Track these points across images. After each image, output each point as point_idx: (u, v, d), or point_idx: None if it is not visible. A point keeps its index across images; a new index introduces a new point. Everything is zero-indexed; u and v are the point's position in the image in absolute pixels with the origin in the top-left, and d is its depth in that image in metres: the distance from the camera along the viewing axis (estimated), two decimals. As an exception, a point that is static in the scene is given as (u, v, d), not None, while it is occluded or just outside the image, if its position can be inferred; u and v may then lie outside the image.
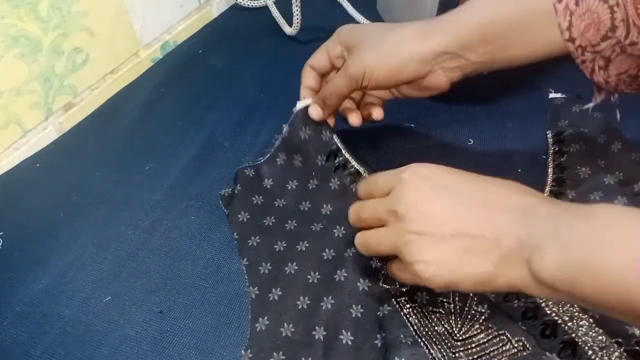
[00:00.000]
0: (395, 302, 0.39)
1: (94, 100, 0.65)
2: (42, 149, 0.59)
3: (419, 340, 0.37)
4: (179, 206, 0.50)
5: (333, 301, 0.40)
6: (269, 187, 0.49)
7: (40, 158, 0.58)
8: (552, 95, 0.56)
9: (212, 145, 0.57)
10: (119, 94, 0.67)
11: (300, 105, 0.49)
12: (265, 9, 0.80)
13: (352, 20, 0.72)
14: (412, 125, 0.57)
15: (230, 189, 0.50)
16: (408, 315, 0.39)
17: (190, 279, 0.44)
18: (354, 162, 0.48)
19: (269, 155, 0.50)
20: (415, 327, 0.38)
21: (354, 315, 0.39)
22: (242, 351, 0.38)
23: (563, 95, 0.55)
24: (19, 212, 0.51)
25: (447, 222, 0.32)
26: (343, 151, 0.48)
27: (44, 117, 0.59)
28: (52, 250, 0.47)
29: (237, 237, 0.46)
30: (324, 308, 0.39)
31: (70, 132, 0.61)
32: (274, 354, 0.37)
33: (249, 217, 0.47)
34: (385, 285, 0.40)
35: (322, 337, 0.38)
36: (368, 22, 0.71)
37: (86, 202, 0.51)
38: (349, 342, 0.37)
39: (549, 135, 0.52)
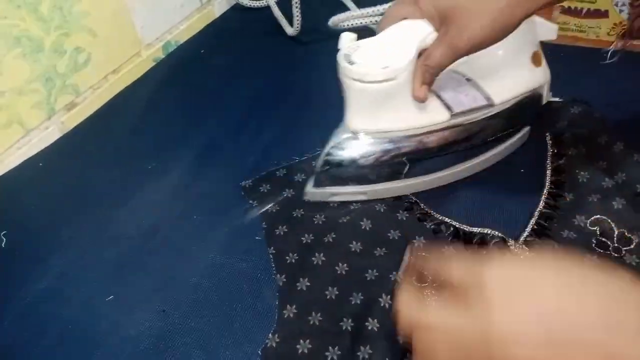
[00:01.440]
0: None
1: (96, 99, 0.65)
2: (44, 149, 0.59)
3: None
4: (180, 205, 0.50)
5: (362, 297, 0.40)
6: (300, 181, 0.50)
7: (43, 157, 0.58)
8: (549, 98, 0.56)
9: (213, 144, 0.58)
10: (120, 93, 0.67)
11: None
12: (266, 9, 0.80)
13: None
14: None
15: (251, 181, 0.51)
16: None
17: (192, 279, 0.44)
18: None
19: (304, 157, 0.53)
20: None
21: (382, 305, 0.39)
22: (270, 335, 0.38)
23: (560, 99, 0.55)
24: (21, 211, 0.51)
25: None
26: None
27: (46, 117, 0.59)
28: (53, 249, 0.47)
29: (265, 226, 0.47)
30: (352, 303, 0.40)
31: (72, 131, 0.61)
32: (301, 341, 0.38)
33: (278, 208, 0.48)
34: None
35: (349, 328, 0.38)
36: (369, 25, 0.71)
37: (88, 202, 0.51)
38: (375, 329, 0.38)
39: (548, 138, 0.52)
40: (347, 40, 0.45)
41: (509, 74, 0.49)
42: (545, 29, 0.50)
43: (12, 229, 0.49)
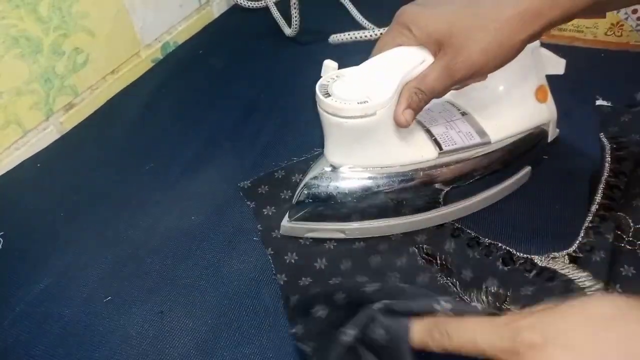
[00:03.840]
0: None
1: (95, 100, 0.65)
2: (42, 149, 0.59)
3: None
4: (179, 206, 0.50)
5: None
6: (299, 182, 0.49)
7: (41, 158, 0.58)
8: (598, 102, 0.56)
9: (212, 145, 0.58)
10: (119, 94, 0.67)
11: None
12: (265, 10, 0.80)
13: (350, 22, 0.72)
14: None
15: (249, 182, 0.51)
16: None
17: (190, 279, 0.44)
18: None
19: (303, 158, 0.53)
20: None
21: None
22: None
23: (609, 104, 0.55)
24: (20, 212, 0.51)
25: None
26: None
27: (45, 117, 0.59)
28: (52, 250, 0.47)
29: (261, 228, 0.47)
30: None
31: (70, 132, 0.61)
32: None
33: (274, 210, 0.48)
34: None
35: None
36: (370, 25, 0.71)
37: (86, 202, 0.51)
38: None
39: (603, 137, 0.51)
40: (328, 69, 0.42)
41: (510, 110, 0.46)
42: (553, 63, 0.47)
43: (10, 230, 0.49)
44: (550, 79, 0.49)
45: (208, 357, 0.38)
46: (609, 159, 0.48)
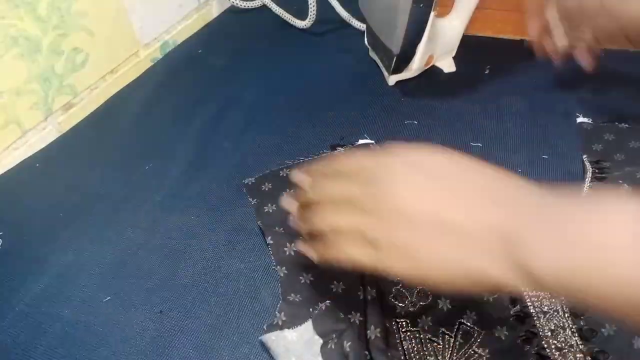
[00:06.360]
0: (394, 323, 0.39)
1: (94, 100, 0.65)
2: (41, 149, 0.59)
3: None
4: (179, 206, 0.50)
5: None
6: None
7: (40, 158, 0.58)
8: (579, 119, 0.55)
9: (212, 145, 0.57)
10: (118, 93, 0.67)
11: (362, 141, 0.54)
12: (264, 9, 0.80)
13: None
14: (416, 122, 0.57)
15: (254, 179, 0.51)
16: (402, 340, 0.38)
17: (190, 279, 0.44)
18: None
19: (310, 158, 0.53)
20: (406, 353, 0.38)
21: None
22: (277, 312, 0.39)
23: (590, 121, 0.55)
24: (19, 212, 0.51)
25: (423, 209, 0.30)
26: None
27: (44, 117, 0.59)
28: (52, 250, 0.47)
29: (260, 225, 0.47)
30: (361, 297, 0.40)
31: (69, 132, 0.61)
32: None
33: (275, 208, 0.48)
34: (393, 301, 0.41)
35: (357, 321, 0.38)
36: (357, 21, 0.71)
37: (86, 202, 0.51)
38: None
39: (586, 159, 0.51)
40: None
41: None
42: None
43: (10, 230, 0.49)
44: (551, 79, 0.49)
45: (208, 357, 0.38)
46: (589, 184, 0.49)
